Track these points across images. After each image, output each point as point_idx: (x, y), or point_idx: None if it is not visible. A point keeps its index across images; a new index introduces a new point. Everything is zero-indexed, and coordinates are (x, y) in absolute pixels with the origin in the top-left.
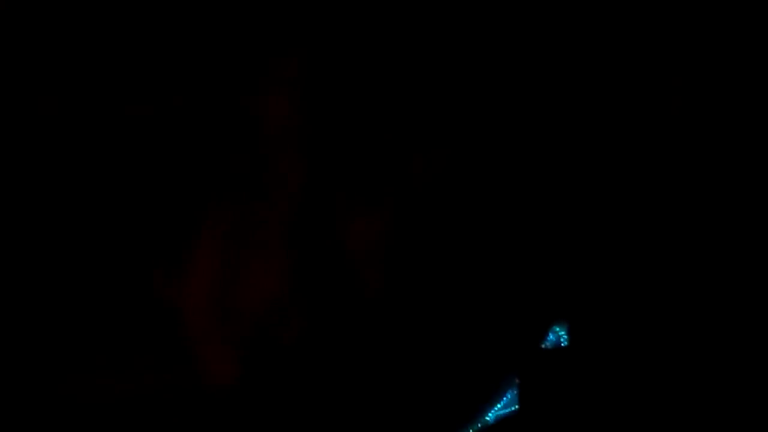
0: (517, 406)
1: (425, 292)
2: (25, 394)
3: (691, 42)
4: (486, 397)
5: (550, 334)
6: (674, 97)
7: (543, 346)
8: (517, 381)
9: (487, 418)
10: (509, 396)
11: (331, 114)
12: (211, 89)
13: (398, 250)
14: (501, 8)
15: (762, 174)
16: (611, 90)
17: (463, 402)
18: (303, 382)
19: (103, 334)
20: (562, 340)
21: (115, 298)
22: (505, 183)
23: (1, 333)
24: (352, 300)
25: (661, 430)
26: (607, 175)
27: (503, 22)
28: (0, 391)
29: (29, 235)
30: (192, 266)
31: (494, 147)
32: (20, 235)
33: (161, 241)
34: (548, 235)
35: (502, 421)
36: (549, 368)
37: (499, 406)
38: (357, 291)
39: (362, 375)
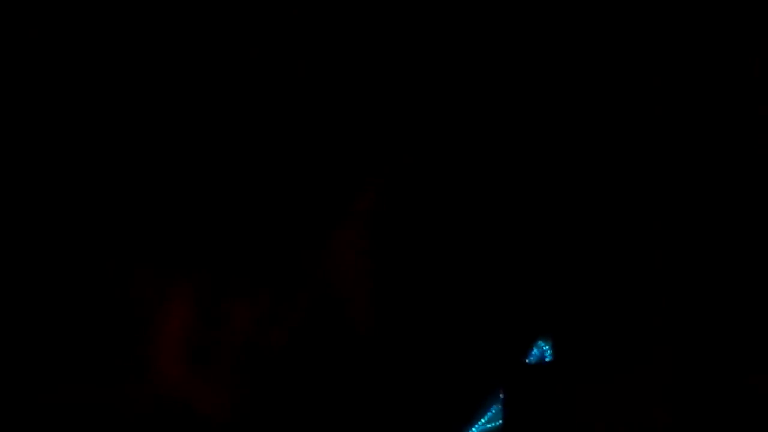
0: (501, 421)
1: (411, 313)
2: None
3: (679, 42)
4: (470, 411)
5: (535, 349)
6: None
7: (527, 360)
8: (501, 396)
9: None
10: (493, 411)
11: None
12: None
13: (384, 277)
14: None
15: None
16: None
17: (447, 417)
18: (289, 410)
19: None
20: (546, 354)
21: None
22: (487, 196)
23: None
24: (336, 332)
25: None
26: (593, 187)
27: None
28: None
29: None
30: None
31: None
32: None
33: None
34: (533, 248)
35: None
36: (533, 383)
37: (483, 420)
38: (343, 323)
39: (346, 392)
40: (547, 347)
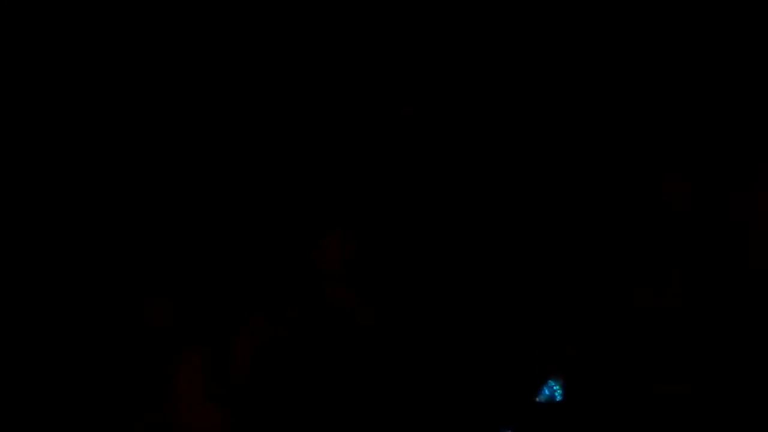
0: None
1: (414, 353)
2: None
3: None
4: None
5: (545, 388)
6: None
7: (537, 399)
8: None
9: None
10: None
11: None
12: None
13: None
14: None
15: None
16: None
17: None
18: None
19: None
20: (556, 394)
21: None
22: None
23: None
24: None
25: None
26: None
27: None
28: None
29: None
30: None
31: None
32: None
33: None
34: (543, 282)
35: None
36: (543, 423)
37: None
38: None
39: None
40: (557, 386)
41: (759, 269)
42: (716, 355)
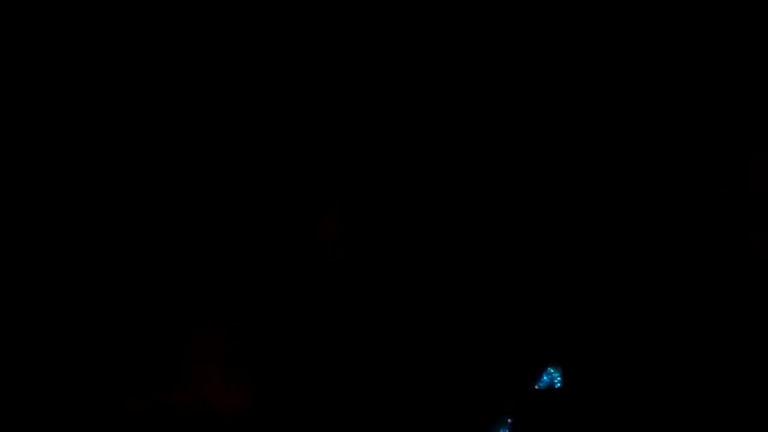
0: None
1: (416, 336)
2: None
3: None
4: None
5: (544, 375)
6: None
7: (536, 386)
8: (509, 422)
9: None
10: None
11: None
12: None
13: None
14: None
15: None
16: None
17: None
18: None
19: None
20: (555, 381)
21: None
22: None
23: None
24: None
25: None
26: (606, 205)
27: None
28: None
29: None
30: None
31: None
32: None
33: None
34: (543, 270)
35: None
36: (542, 409)
37: None
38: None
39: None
40: (556, 373)
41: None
42: (716, 346)
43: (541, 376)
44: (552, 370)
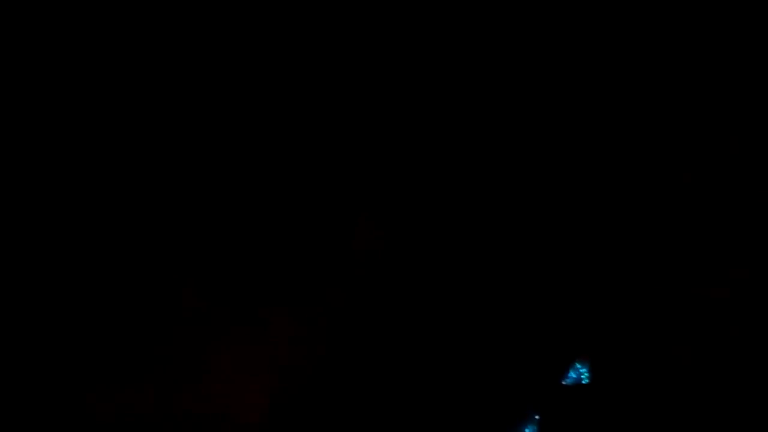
0: None
1: (442, 332)
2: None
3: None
4: None
5: (571, 371)
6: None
7: (564, 382)
8: (536, 418)
9: None
10: None
11: None
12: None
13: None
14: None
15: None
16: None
17: None
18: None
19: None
20: (583, 377)
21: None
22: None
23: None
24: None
25: None
26: (633, 203)
27: None
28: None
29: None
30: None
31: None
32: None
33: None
34: (568, 267)
35: None
36: (569, 406)
37: None
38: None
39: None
40: (584, 369)
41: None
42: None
43: (568, 372)
44: (579, 366)
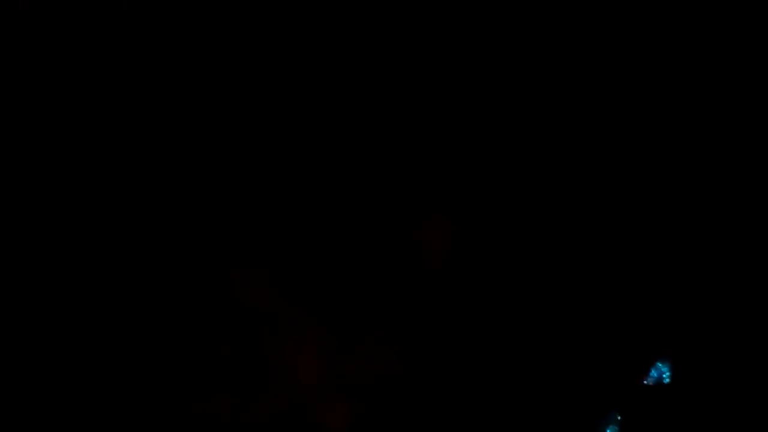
0: None
1: (526, 330)
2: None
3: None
4: None
5: (653, 371)
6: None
7: (645, 382)
8: (618, 418)
9: None
10: None
11: None
12: None
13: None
14: None
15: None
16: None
17: None
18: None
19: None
20: (664, 376)
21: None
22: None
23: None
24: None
25: None
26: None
27: None
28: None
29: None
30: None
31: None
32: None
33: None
34: (652, 271)
35: None
36: (651, 405)
37: None
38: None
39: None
40: (665, 368)
41: None
42: None
43: (649, 371)
44: (661, 365)
